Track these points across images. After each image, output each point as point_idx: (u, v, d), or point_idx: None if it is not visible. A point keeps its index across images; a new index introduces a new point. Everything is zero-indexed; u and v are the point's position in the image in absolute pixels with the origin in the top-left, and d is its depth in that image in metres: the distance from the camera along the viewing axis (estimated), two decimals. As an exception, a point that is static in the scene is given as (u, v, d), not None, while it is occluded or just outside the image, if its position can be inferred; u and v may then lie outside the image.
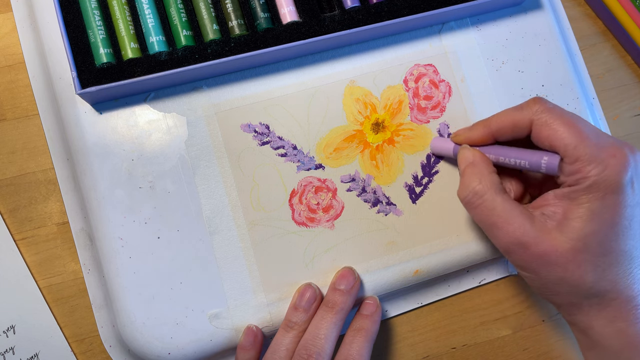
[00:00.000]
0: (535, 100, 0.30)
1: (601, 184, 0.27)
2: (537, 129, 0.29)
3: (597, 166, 0.27)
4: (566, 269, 0.28)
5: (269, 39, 0.34)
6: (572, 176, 0.28)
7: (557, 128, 0.29)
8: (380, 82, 0.37)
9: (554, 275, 0.28)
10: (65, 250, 0.36)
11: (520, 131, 0.31)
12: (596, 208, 0.27)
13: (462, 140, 0.33)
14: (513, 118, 0.31)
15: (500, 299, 0.39)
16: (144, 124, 0.34)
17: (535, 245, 0.28)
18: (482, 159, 0.32)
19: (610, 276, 0.28)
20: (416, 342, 0.38)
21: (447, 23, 0.38)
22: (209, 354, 0.34)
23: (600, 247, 0.28)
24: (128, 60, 0.33)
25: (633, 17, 0.41)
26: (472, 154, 0.32)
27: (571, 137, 0.28)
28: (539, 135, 0.29)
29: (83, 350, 0.36)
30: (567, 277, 0.28)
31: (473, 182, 0.30)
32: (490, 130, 0.32)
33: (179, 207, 0.34)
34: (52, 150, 0.36)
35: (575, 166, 0.28)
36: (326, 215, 0.35)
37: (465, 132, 0.33)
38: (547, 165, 0.29)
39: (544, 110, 0.29)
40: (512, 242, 0.29)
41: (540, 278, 0.29)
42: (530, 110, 0.30)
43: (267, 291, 0.34)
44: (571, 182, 0.28)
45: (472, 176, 0.31)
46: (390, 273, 0.35)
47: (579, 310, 0.29)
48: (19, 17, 0.36)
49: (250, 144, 0.35)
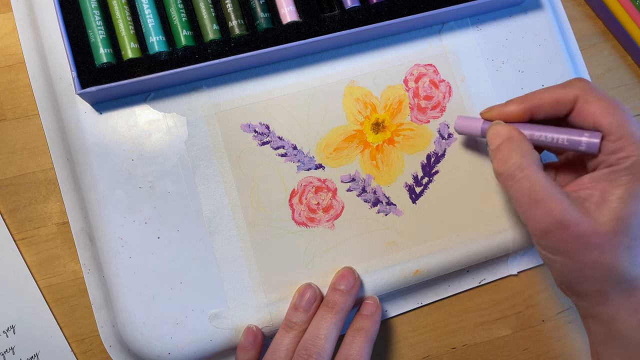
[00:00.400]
0: (579, 79, 0.30)
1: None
2: (582, 105, 0.29)
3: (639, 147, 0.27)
4: (603, 251, 0.27)
5: (269, 39, 0.34)
6: (614, 155, 0.28)
7: (603, 105, 0.29)
8: (380, 82, 0.37)
9: (589, 258, 0.28)
10: (65, 250, 0.36)
11: (562, 108, 0.30)
12: (636, 189, 0.27)
13: (494, 115, 0.32)
14: (556, 94, 0.30)
15: (500, 299, 0.39)
16: (144, 124, 0.34)
17: (576, 226, 0.27)
18: (520, 135, 0.30)
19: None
20: (416, 342, 0.38)
21: (447, 23, 0.38)
22: (209, 354, 0.34)
23: (637, 230, 0.27)
24: (128, 60, 0.33)
25: (633, 17, 0.41)
26: (508, 130, 0.30)
27: (616, 115, 0.28)
28: (584, 112, 0.29)
29: (83, 350, 0.36)
30: (603, 260, 0.27)
31: (515, 155, 0.29)
32: (528, 105, 0.31)
33: (179, 207, 0.34)
34: (52, 150, 0.36)
35: (618, 144, 0.28)
36: (326, 215, 0.35)
37: (498, 107, 0.32)
38: (588, 141, 0.29)
39: (589, 88, 0.29)
40: (552, 220, 0.28)
41: (573, 262, 0.28)
42: (574, 87, 0.30)
43: (267, 291, 0.34)
44: (612, 162, 0.28)
45: (512, 150, 0.29)
46: (390, 273, 0.35)
47: (606, 300, 0.28)
48: (19, 17, 0.36)
49: (250, 144, 0.35)
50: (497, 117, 0.32)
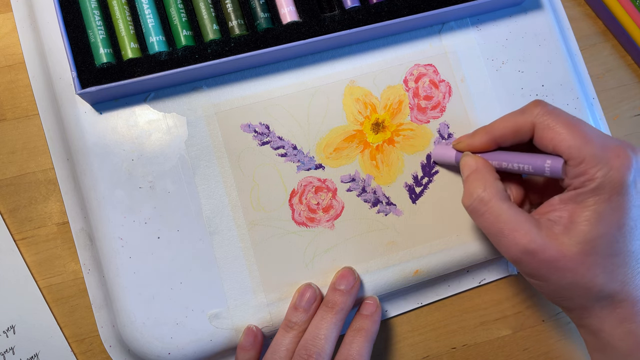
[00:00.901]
0: (535, 103, 0.30)
1: (607, 185, 0.27)
2: (540, 132, 0.29)
3: (602, 167, 0.27)
4: (576, 272, 0.28)
5: (269, 39, 0.34)
6: (578, 179, 0.28)
7: (560, 130, 0.28)
8: (380, 82, 0.37)
9: (564, 280, 0.28)
10: (65, 250, 0.36)
11: (523, 135, 0.30)
12: (603, 210, 0.27)
13: (463, 147, 0.33)
14: (515, 122, 0.30)
15: (500, 299, 0.39)
16: (144, 124, 0.34)
17: (542, 252, 0.28)
18: (485, 165, 0.31)
19: (619, 277, 0.28)
20: (416, 342, 0.38)
21: (447, 23, 0.38)
22: (209, 354, 0.34)
23: (609, 249, 0.27)
24: (128, 60, 0.33)
25: (633, 17, 0.41)
26: (475, 161, 0.32)
27: (575, 139, 0.28)
28: (542, 139, 0.29)
29: (83, 350, 0.36)
30: (578, 280, 0.28)
31: (478, 189, 0.30)
32: (492, 136, 0.32)
33: (179, 207, 0.34)
34: (52, 150, 0.36)
35: (581, 168, 0.27)
36: (326, 215, 0.35)
37: (466, 138, 0.33)
38: (550, 168, 0.29)
39: (545, 112, 0.29)
40: (519, 250, 0.28)
41: (550, 284, 0.29)
42: (531, 114, 0.30)
43: (267, 291, 0.34)
44: (577, 185, 0.28)
45: (475, 183, 0.30)
46: (390, 273, 0.35)
47: (590, 314, 0.29)
48: (19, 17, 0.36)
49: (250, 144, 0.35)
50: (466, 149, 0.33)
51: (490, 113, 0.37)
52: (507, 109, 0.37)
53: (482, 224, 0.30)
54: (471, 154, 0.33)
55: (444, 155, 0.35)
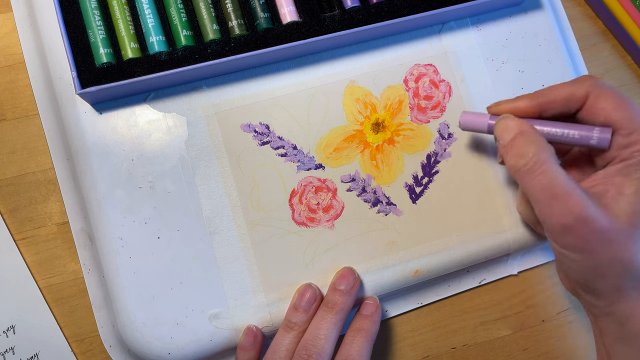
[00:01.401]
0: (586, 76, 0.30)
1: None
2: (593, 101, 0.29)
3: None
4: (621, 245, 0.27)
5: (269, 39, 0.34)
6: (626, 149, 0.28)
7: (613, 100, 0.29)
8: (380, 82, 0.37)
9: (608, 254, 0.27)
10: (65, 250, 0.36)
11: (573, 104, 0.30)
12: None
13: (503, 109, 0.31)
14: (567, 91, 0.30)
15: (500, 299, 0.39)
16: (144, 124, 0.34)
17: (596, 221, 0.27)
18: (532, 128, 0.30)
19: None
20: (416, 342, 0.38)
21: (447, 23, 0.38)
22: (209, 354, 0.34)
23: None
24: (128, 60, 0.33)
25: (633, 17, 0.41)
26: (519, 124, 0.30)
27: (627, 110, 0.28)
28: (595, 108, 0.29)
29: (83, 350, 0.36)
30: (620, 256, 0.27)
31: (531, 149, 0.28)
32: (538, 102, 0.30)
33: (179, 207, 0.34)
34: (52, 150, 0.36)
35: (631, 138, 0.28)
36: (326, 215, 0.35)
37: (507, 102, 0.31)
38: (599, 137, 0.29)
39: (599, 84, 0.30)
40: (573, 217, 0.27)
41: (592, 259, 0.27)
42: (584, 83, 0.30)
43: (267, 291, 0.34)
44: (625, 156, 0.28)
45: (528, 144, 0.29)
46: (390, 273, 0.35)
47: (622, 297, 0.28)
48: (19, 17, 0.36)
49: (250, 144, 0.35)
50: (507, 111, 0.31)
51: (490, 113, 0.37)
52: (507, 109, 0.37)
53: (534, 187, 0.28)
54: (513, 117, 0.31)
55: (473, 121, 0.33)
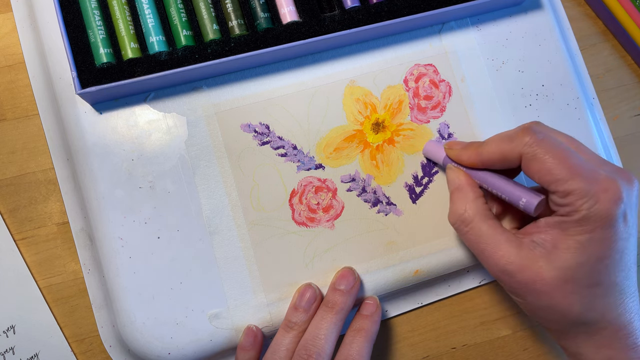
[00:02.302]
0: (525, 130, 0.29)
1: (591, 218, 0.27)
2: (527, 163, 0.29)
3: (588, 201, 0.27)
4: (552, 297, 0.28)
5: (269, 39, 0.34)
6: (563, 208, 0.28)
7: (547, 162, 0.28)
8: (380, 82, 0.37)
9: (541, 302, 0.29)
10: (65, 250, 0.36)
11: (510, 163, 0.30)
12: (585, 241, 0.27)
13: (452, 156, 0.33)
14: (502, 150, 0.30)
15: (500, 299, 0.39)
16: (144, 124, 0.34)
17: (519, 273, 0.28)
18: (468, 183, 0.32)
19: (599, 307, 0.28)
20: (416, 342, 0.38)
21: (447, 23, 0.38)
22: (209, 354, 0.34)
23: (588, 279, 0.28)
24: (128, 60, 0.33)
25: (633, 17, 0.41)
26: (458, 178, 0.32)
27: (562, 172, 0.27)
28: (528, 169, 0.29)
29: (83, 350, 0.36)
30: (554, 304, 0.28)
31: (459, 209, 0.31)
32: (480, 158, 0.31)
33: (179, 207, 0.34)
34: (52, 150, 0.36)
35: (567, 200, 0.27)
36: (326, 215, 0.35)
37: (457, 150, 0.33)
38: (525, 205, 0.29)
39: (533, 143, 0.28)
40: (498, 269, 0.29)
41: (528, 304, 0.29)
42: (520, 143, 0.29)
43: (267, 291, 0.34)
44: (562, 213, 0.28)
45: (458, 202, 0.31)
46: (390, 273, 0.35)
47: (568, 337, 0.29)
48: (19, 17, 0.36)
49: (250, 144, 0.35)
50: (453, 159, 0.33)
51: (490, 113, 0.37)
52: (507, 109, 0.37)
53: (465, 242, 0.31)
54: (455, 168, 0.33)
55: (433, 154, 0.35)
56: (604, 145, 0.39)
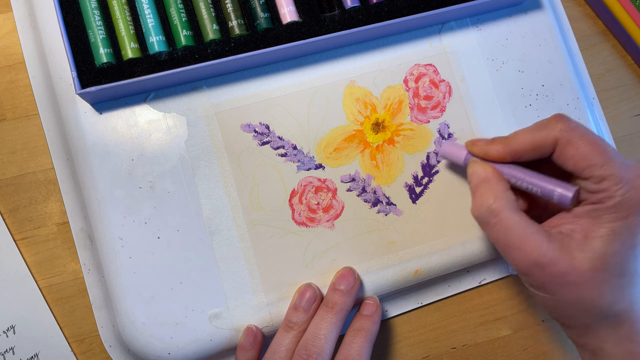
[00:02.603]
0: (557, 118, 0.29)
1: (626, 204, 0.27)
2: (562, 148, 0.29)
3: (623, 186, 0.27)
4: (584, 288, 0.27)
5: (269, 39, 0.34)
6: (596, 195, 0.28)
7: (582, 147, 0.28)
8: (380, 82, 0.37)
9: (570, 295, 0.28)
10: (65, 250, 0.36)
11: (543, 151, 0.30)
12: (618, 228, 0.27)
13: (478, 152, 0.32)
14: (535, 138, 0.29)
15: (500, 299, 0.39)
16: (144, 124, 0.34)
17: (553, 265, 0.28)
18: (495, 175, 0.31)
19: (627, 297, 0.28)
20: (416, 342, 0.38)
21: (447, 23, 0.38)
22: (209, 354, 0.34)
23: (619, 268, 0.27)
24: (128, 60, 0.33)
25: (633, 17, 0.41)
26: (484, 170, 0.31)
27: (597, 156, 0.27)
28: (564, 155, 0.29)
29: (83, 350, 0.36)
30: (585, 296, 0.28)
31: (488, 200, 0.29)
32: (510, 149, 0.30)
33: (179, 207, 0.34)
34: (52, 150, 0.36)
35: (601, 185, 0.27)
36: (326, 215, 0.35)
37: (483, 144, 0.32)
38: (559, 197, 0.29)
39: (568, 128, 0.29)
40: (529, 263, 0.28)
41: (556, 299, 0.28)
42: (554, 129, 0.29)
43: (267, 291, 0.34)
44: (595, 200, 0.28)
45: (486, 193, 0.30)
46: (390, 273, 0.35)
47: (591, 332, 0.29)
48: (19, 17, 0.36)
49: (250, 144, 0.35)
50: (480, 155, 0.32)
51: (490, 113, 0.37)
52: (507, 109, 0.37)
53: (491, 235, 0.30)
54: (480, 161, 0.32)
55: (453, 154, 0.34)
56: (604, 145, 0.39)
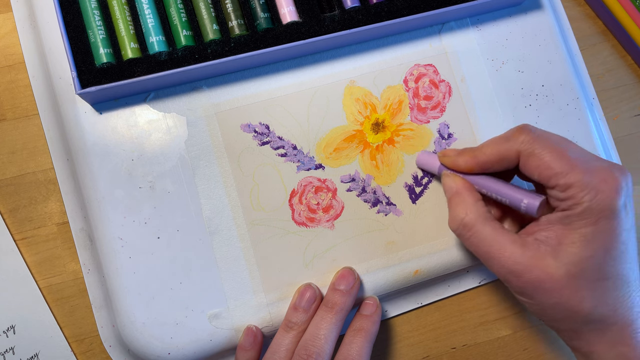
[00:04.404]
0: (520, 129, 0.30)
1: (594, 209, 0.27)
2: (525, 160, 0.29)
3: (589, 192, 0.27)
4: (562, 294, 0.28)
5: (269, 39, 0.34)
6: (565, 202, 0.28)
7: (545, 157, 0.28)
8: (380, 82, 0.37)
9: (549, 301, 0.28)
10: (65, 250, 0.36)
11: (508, 163, 0.30)
12: (590, 233, 0.27)
13: (448, 163, 0.33)
14: (499, 150, 0.30)
15: (500, 299, 0.39)
16: (144, 124, 0.34)
17: (528, 273, 0.28)
18: (466, 187, 0.31)
19: (609, 300, 0.28)
20: (416, 342, 0.38)
21: (447, 23, 0.38)
22: (209, 354, 0.34)
23: (597, 272, 0.27)
24: (128, 60, 0.33)
25: (633, 17, 0.41)
26: (455, 183, 0.32)
27: (561, 165, 0.28)
28: (527, 166, 0.29)
29: (83, 350, 0.36)
30: (564, 302, 0.28)
31: (460, 214, 0.30)
32: (477, 161, 0.31)
33: (178, 207, 0.34)
34: (52, 150, 0.36)
35: (568, 193, 0.27)
36: (326, 215, 0.35)
37: (452, 155, 0.33)
38: (527, 207, 0.29)
39: (530, 140, 0.29)
40: (505, 271, 0.29)
41: (537, 304, 0.29)
42: (516, 141, 0.29)
43: (267, 291, 0.34)
44: (564, 207, 0.28)
45: (458, 207, 0.31)
46: (390, 273, 0.35)
47: (579, 336, 0.29)
48: (19, 17, 0.36)
49: (250, 144, 0.35)
50: (450, 166, 0.33)
51: (490, 113, 0.37)
52: (507, 109, 0.37)
53: (469, 247, 0.31)
54: (452, 174, 0.33)
55: (427, 164, 0.35)
56: (604, 145, 0.39)
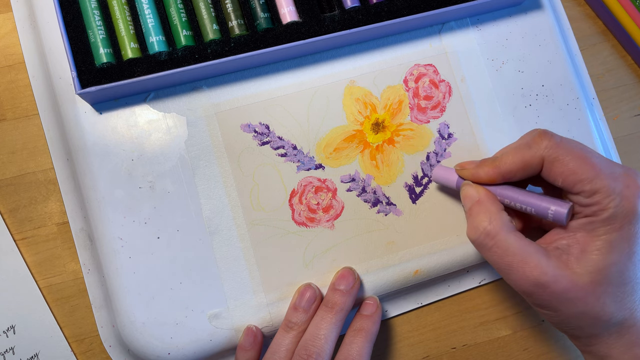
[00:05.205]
0: (541, 135, 0.29)
1: (619, 215, 0.27)
2: (549, 166, 0.29)
3: (615, 198, 0.27)
4: (587, 302, 0.27)
5: (269, 39, 0.34)
6: (589, 208, 0.28)
7: (570, 164, 0.28)
8: (380, 82, 0.37)
9: (574, 309, 0.28)
10: (65, 250, 0.36)
11: (532, 170, 0.30)
12: (614, 239, 0.27)
13: (467, 176, 0.32)
14: (523, 157, 0.29)
15: (500, 299, 0.39)
16: (144, 124, 0.34)
17: (554, 284, 0.27)
18: (488, 197, 0.30)
19: (628, 304, 0.28)
20: (416, 342, 0.38)
21: (447, 23, 0.38)
22: (209, 354, 0.34)
23: (619, 278, 0.27)
24: (128, 60, 0.33)
25: (633, 17, 0.41)
26: (477, 192, 0.31)
27: (586, 171, 0.27)
28: (552, 172, 0.29)
29: (83, 350, 0.36)
30: (588, 310, 0.28)
31: (483, 222, 0.29)
32: (499, 170, 0.30)
33: (178, 207, 0.34)
34: (52, 150, 0.36)
35: (593, 199, 0.27)
36: (326, 215, 0.35)
37: (472, 168, 0.32)
38: (554, 214, 0.29)
39: (553, 145, 0.29)
40: (530, 283, 0.28)
41: (560, 314, 0.28)
42: (539, 147, 0.29)
43: (267, 291, 0.34)
44: (588, 213, 0.28)
45: (480, 215, 0.30)
46: (390, 273, 0.35)
47: (598, 341, 0.29)
48: (19, 17, 0.36)
49: (250, 144, 0.35)
50: (469, 178, 0.32)
51: (490, 113, 0.37)
52: (507, 109, 0.37)
53: (490, 258, 0.30)
54: (472, 184, 0.32)
55: (444, 179, 0.34)
56: (604, 145, 0.39)
